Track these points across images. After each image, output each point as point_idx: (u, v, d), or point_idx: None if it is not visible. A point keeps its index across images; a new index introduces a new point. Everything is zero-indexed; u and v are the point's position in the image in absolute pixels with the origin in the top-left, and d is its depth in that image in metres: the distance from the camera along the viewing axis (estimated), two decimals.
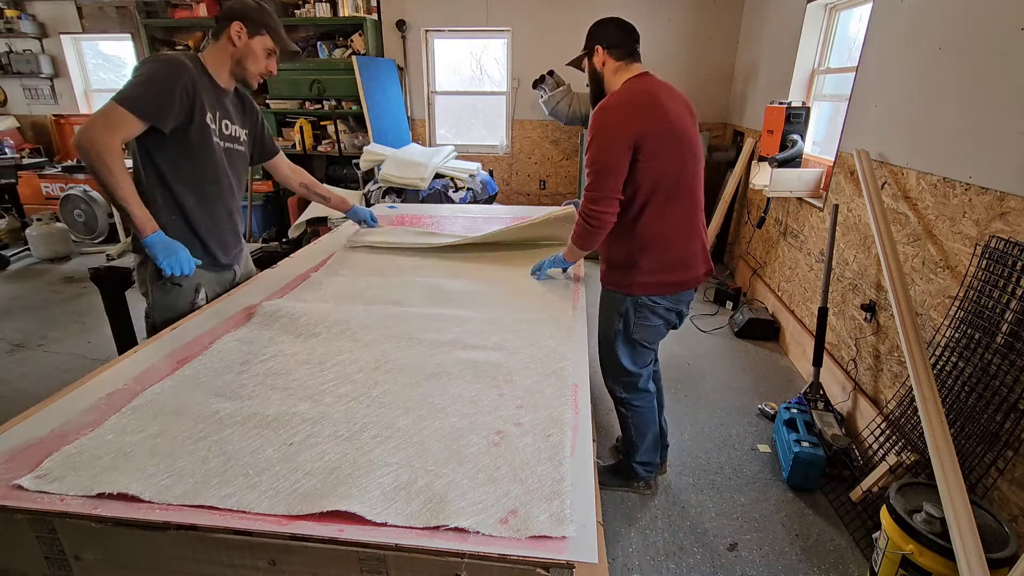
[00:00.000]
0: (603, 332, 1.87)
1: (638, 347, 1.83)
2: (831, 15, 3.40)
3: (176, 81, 1.47)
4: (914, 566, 1.44)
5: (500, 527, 0.81)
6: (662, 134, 1.58)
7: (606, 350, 1.88)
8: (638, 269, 1.70)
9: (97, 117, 1.39)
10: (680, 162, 1.63)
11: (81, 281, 4.30)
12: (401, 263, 2.03)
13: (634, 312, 1.76)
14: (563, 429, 1.05)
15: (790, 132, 3.30)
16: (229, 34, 1.57)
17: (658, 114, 1.58)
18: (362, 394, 1.16)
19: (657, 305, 1.75)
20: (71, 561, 0.87)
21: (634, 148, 1.55)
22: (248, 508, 0.83)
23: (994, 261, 1.66)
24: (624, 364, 1.85)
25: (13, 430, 1.02)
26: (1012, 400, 1.53)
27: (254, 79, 1.66)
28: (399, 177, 4.04)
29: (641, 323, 1.77)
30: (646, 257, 1.69)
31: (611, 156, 1.55)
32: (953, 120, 1.95)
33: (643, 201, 1.63)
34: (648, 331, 1.80)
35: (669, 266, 1.71)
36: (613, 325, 1.81)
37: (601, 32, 1.67)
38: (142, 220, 1.46)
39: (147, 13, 5.23)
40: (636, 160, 1.57)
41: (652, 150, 1.56)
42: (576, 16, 4.97)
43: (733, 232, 4.75)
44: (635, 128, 1.54)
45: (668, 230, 1.68)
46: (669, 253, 1.70)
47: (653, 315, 1.76)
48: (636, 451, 2.01)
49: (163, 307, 1.64)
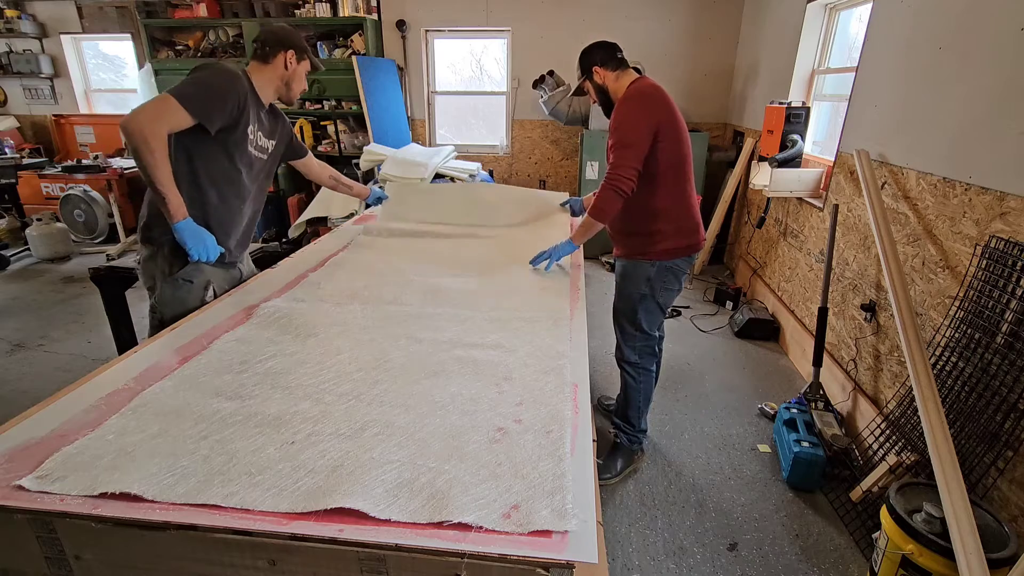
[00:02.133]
0: (625, 301, 2.10)
1: (657, 310, 2.08)
2: (831, 15, 3.40)
3: (231, 90, 1.62)
4: (914, 566, 1.44)
5: (503, 522, 0.81)
6: (673, 123, 1.87)
7: (627, 316, 2.11)
8: (661, 235, 1.96)
9: (148, 105, 1.49)
10: (685, 147, 1.93)
11: (81, 281, 4.30)
12: (400, 263, 2.04)
13: (658, 276, 2.01)
14: (563, 425, 1.06)
15: (790, 132, 3.30)
16: (283, 60, 1.75)
17: (669, 107, 1.87)
18: (362, 393, 1.16)
19: (678, 268, 2.02)
20: (71, 561, 0.86)
21: (655, 134, 1.82)
22: (251, 506, 0.83)
23: (994, 261, 1.66)
24: (645, 327, 2.09)
25: (13, 430, 1.02)
26: (1012, 400, 1.53)
27: (296, 97, 1.87)
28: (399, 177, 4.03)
29: (665, 287, 2.04)
30: (667, 224, 1.96)
31: (637, 136, 1.82)
32: (953, 120, 1.95)
33: (661, 178, 1.90)
34: (669, 295, 2.07)
35: (684, 231, 1.99)
36: (639, 290, 2.04)
37: (591, 56, 1.97)
38: (175, 205, 1.54)
39: (147, 13, 5.24)
40: (656, 143, 1.84)
41: (667, 136, 1.85)
42: (576, 16, 4.98)
43: (733, 232, 4.75)
44: (656, 117, 1.83)
45: (680, 202, 1.97)
46: (682, 221, 1.98)
47: (675, 279, 2.04)
48: (641, 417, 2.22)
49: (173, 302, 1.67)
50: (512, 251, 2.16)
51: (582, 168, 4.78)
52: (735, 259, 4.62)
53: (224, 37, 5.23)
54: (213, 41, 5.26)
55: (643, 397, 2.20)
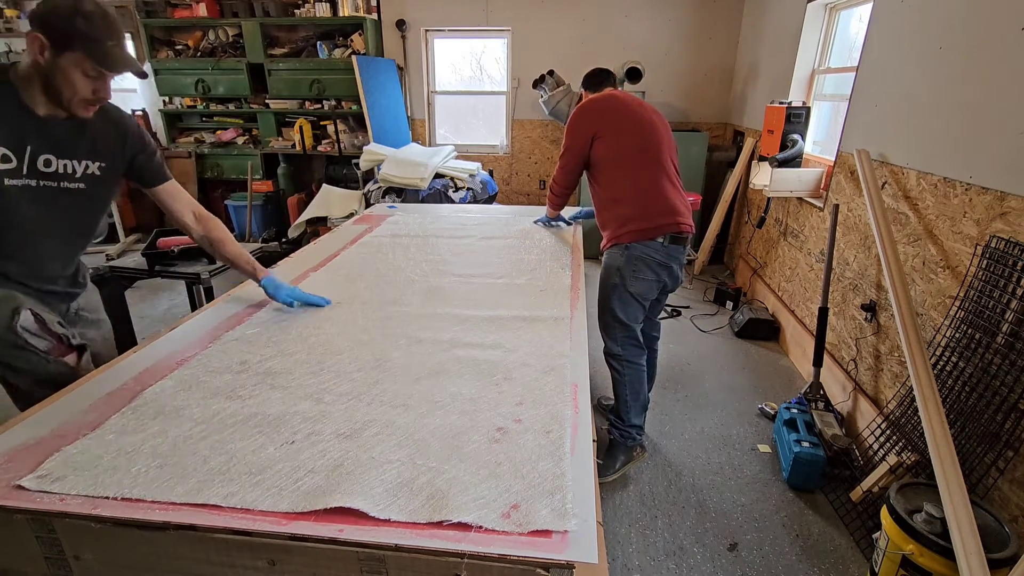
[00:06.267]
0: (601, 291, 2.14)
1: (631, 301, 2.09)
2: (831, 15, 3.40)
3: None
4: (914, 566, 1.44)
5: (502, 521, 0.81)
6: (618, 120, 2.06)
7: (604, 306, 2.13)
8: (624, 219, 2.04)
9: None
10: (640, 138, 2.05)
11: None
12: (400, 263, 2.04)
13: (628, 265, 2.04)
14: (563, 425, 1.06)
15: (790, 132, 3.30)
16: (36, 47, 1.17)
17: (613, 107, 2.08)
18: (362, 392, 1.16)
19: (650, 258, 2.02)
20: (71, 561, 0.86)
21: (591, 136, 2.06)
22: (251, 506, 0.83)
23: (994, 261, 1.66)
24: (619, 315, 2.10)
25: (13, 430, 1.02)
26: (1012, 400, 1.53)
27: (78, 107, 1.24)
28: (399, 177, 4.04)
29: (635, 276, 2.05)
30: (628, 209, 2.04)
31: (571, 141, 2.11)
32: (953, 120, 1.95)
33: (609, 169, 2.08)
34: (642, 284, 2.07)
35: (649, 214, 2.02)
36: (611, 279, 2.08)
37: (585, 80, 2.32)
38: None
39: (147, 13, 5.23)
40: (595, 141, 2.06)
41: (608, 134, 2.05)
42: (576, 16, 4.98)
43: (733, 232, 4.75)
44: (591, 124, 2.07)
45: (639, 187, 2.05)
46: (648, 204, 2.03)
47: (647, 268, 2.04)
48: (631, 412, 2.21)
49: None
50: (513, 253, 2.16)
51: None
52: (735, 259, 4.62)
53: (224, 37, 5.23)
54: (213, 41, 5.26)
55: (630, 391, 2.19)
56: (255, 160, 5.34)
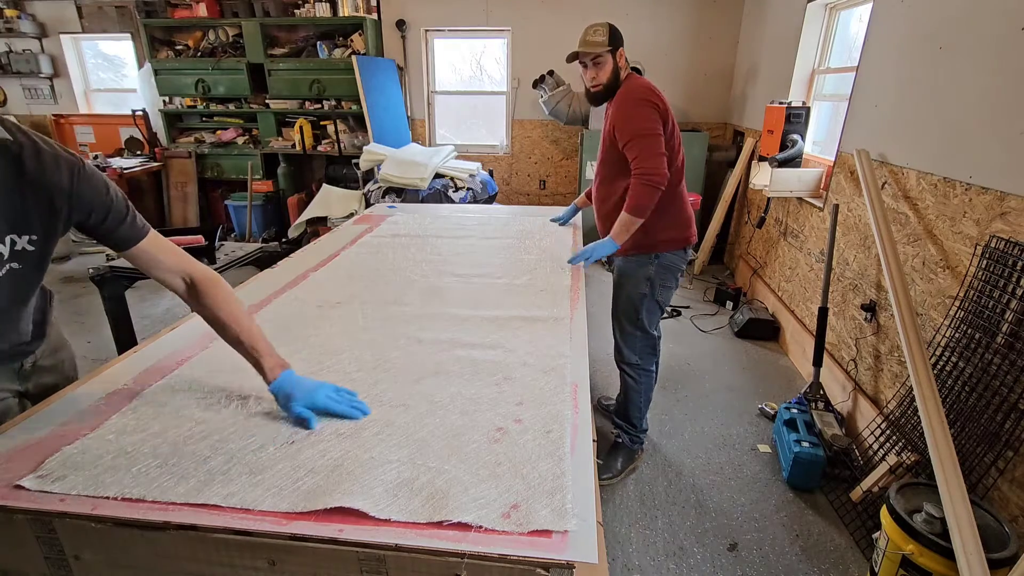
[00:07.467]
0: (625, 301, 2.09)
1: (656, 309, 2.08)
2: (831, 15, 3.40)
3: None
4: (914, 566, 1.44)
5: (503, 521, 0.81)
6: (667, 115, 1.91)
7: (628, 317, 2.10)
8: (660, 227, 1.97)
9: None
10: (677, 140, 1.97)
11: (81, 281, 4.30)
12: (400, 263, 2.04)
13: (658, 274, 2.02)
14: (563, 425, 1.06)
15: (790, 132, 3.30)
16: None
17: (666, 103, 1.91)
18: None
19: (676, 267, 2.03)
20: (71, 561, 0.86)
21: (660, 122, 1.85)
22: (251, 506, 0.83)
23: (994, 261, 1.66)
24: (647, 327, 2.09)
25: (13, 430, 1.02)
26: (1012, 400, 1.53)
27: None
28: (399, 177, 4.04)
29: (663, 285, 2.04)
30: (663, 218, 1.96)
31: (655, 124, 1.83)
32: (953, 120, 1.95)
33: None
34: (668, 292, 2.08)
35: (679, 224, 2.01)
36: (640, 289, 2.04)
37: (621, 37, 1.94)
38: None
39: (147, 13, 5.23)
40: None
41: (668, 130, 1.89)
42: (576, 16, 4.97)
43: (733, 232, 4.75)
44: (661, 111, 1.86)
45: (677, 195, 1.99)
46: (678, 214, 2.00)
47: (673, 277, 2.05)
48: (642, 418, 2.22)
49: None
50: (513, 253, 2.16)
51: (582, 168, 4.78)
52: (735, 259, 4.62)
53: (224, 37, 5.23)
54: (213, 41, 5.26)
55: (644, 398, 2.21)
56: (255, 160, 5.34)
